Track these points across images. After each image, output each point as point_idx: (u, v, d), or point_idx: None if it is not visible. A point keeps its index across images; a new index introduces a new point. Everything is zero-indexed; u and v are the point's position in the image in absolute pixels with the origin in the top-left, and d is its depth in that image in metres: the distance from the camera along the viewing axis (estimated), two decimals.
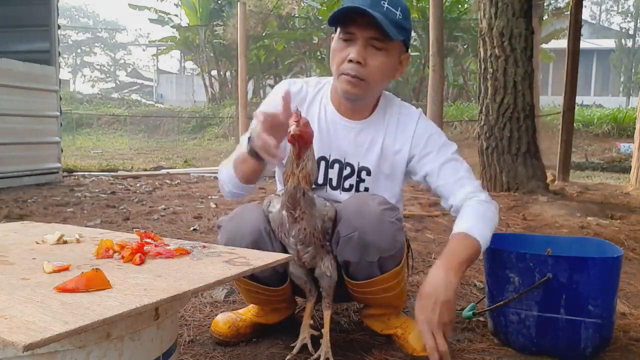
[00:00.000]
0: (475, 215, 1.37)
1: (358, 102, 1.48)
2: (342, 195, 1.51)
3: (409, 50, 1.49)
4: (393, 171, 1.51)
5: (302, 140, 1.20)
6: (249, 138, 1.33)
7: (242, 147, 1.42)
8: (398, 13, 1.35)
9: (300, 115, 1.20)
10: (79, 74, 47.79)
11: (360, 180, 1.51)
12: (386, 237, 1.35)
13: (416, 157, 1.49)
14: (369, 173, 1.50)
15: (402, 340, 1.53)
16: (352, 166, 1.51)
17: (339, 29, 1.40)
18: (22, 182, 5.67)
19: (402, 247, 1.44)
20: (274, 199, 1.38)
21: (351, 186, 1.52)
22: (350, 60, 1.36)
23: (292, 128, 1.16)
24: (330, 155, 1.51)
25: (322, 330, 1.47)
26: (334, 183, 1.53)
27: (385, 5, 1.33)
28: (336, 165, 1.52)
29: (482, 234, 1.34)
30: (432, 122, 1.56)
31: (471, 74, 17.71)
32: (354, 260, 1.38)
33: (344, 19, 1.36)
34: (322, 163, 1.51)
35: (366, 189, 1.51)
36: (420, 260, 2.56)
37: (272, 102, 1.53)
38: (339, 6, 1.37)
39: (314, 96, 1.55)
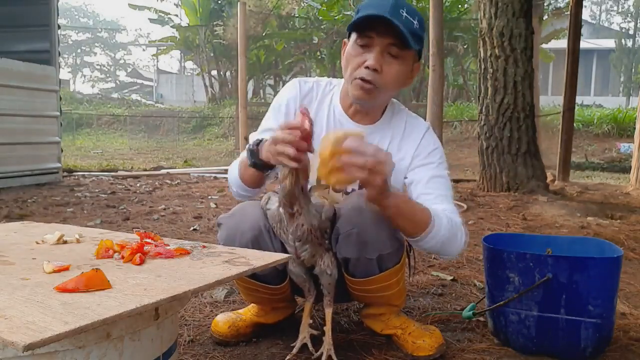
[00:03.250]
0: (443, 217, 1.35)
1: (367, 107, 1.48)
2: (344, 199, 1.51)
3: (421, 59, 1.49)
4: (395, 178, 1.50)
5: (309, 138, 1.20)
6: (251, 151, 1.32)
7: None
8: (415, 23, 1.36)
9: (308, 113, 1.19)
10: (79, 74, 47.82)
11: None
12: (385, 235, 1.35)
13: (413, 165, 1.49)
14: None
15: (402, 340, 1.53)
16: None
17: (354, 34, 1.40)
18: (22, 182, 5.67)
19: (401, 245, 1.45)
20: (272, 196, 1.39)
21: (354, 191, 1.52)
22: (367, 67, 1.36)
23: (305, 124, 1.16)
24: None
25: (324, 328, 1.48)
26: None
27: (404, 14, 1.33)
28: None
29: (440, 223, 1.31)
30: (437, 139, 1.56)
31: (471, 74, 17.71)
32: (353, 257, 1.38)
33: (364, 25, 1.36)
34: None
35: None
36: (420, 260, 2.56)
37: (281, 103, 1.54)
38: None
39: (323, 97, 1.56)
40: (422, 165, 1.48)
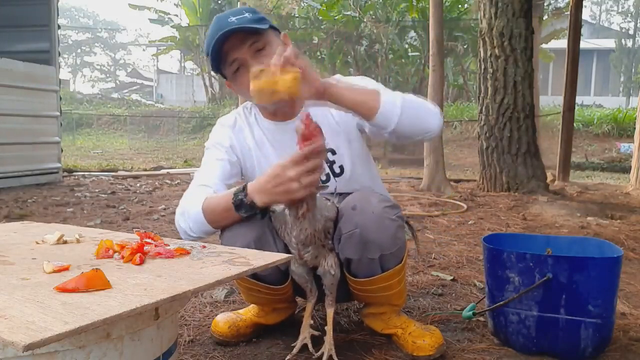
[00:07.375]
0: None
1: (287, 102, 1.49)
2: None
3: (281, 32, 1.51)
4: (349, 134, 1.52)
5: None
6: (249, 205, 1.29)
7: (220, 196, 1.37)
8: (246, 14, 1.40)
9: (309, 117, 1.19)
10: (79, 74, 47.85)
11: (330, 162, 1.51)
12: (387, 235, 1.35)
13: None
14: (334, 152, 1.51)
15: (402, 340, 1.53)
16: None
17: (225, 71, 1.45)
18: (22, 182, 5.67)
19: (403, 245, 1.45)
20: None
21: (327, 176, 1.52)
22: None
23: (303, 128, 1.18)
24: None
25: (325, 328, 1.48)
26: None
27: (232, 18, 1.38)
28: None
29: (386, 92, 1.33)
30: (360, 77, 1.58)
31: (471, 74, 17.70)
32: (355, 258, 1.38)
33: (220, 57, 1.41)
34: None
35: (341, 167, 1.52)
36: (420, 260, 2.56)
37: (218, 140, 1.55)
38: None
39: (248, 120, 1.58)
40: None
